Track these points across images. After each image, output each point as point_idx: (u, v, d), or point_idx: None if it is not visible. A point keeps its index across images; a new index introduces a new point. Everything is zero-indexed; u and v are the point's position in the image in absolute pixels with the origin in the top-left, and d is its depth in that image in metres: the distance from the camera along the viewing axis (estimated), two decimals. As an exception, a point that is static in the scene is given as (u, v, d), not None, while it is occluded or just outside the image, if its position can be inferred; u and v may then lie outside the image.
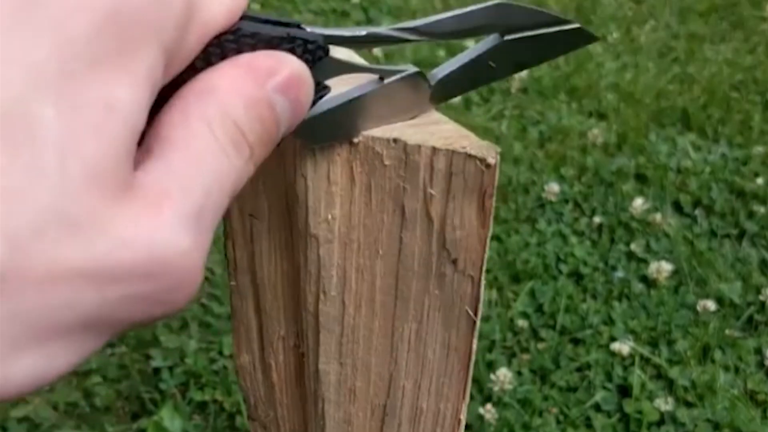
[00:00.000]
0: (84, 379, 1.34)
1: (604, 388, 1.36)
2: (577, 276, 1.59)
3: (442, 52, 2.27)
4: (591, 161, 1.86)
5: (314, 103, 0.30)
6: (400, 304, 0.42)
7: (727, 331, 1.45)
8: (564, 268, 1.59)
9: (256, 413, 0.53)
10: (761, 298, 1.51)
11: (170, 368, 1.33)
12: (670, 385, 1.37)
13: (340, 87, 0.34)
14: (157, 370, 1.34)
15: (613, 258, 1.61)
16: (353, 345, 0.44)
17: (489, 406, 1.31)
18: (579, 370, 1.40)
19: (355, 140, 0.38)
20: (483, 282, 0.41)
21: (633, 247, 1.63)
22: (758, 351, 1.43)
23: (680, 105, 2.04)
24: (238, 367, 0.51)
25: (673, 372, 1.38)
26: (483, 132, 1.93)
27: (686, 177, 1.81)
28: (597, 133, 1.94)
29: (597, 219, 1.71)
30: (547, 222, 1.70)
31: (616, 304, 1.51)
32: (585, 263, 1.60)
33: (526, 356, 1.43)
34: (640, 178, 1.84)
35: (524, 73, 2.15)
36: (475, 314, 0.42)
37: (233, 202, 0.42)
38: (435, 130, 0.38)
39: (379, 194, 0.39)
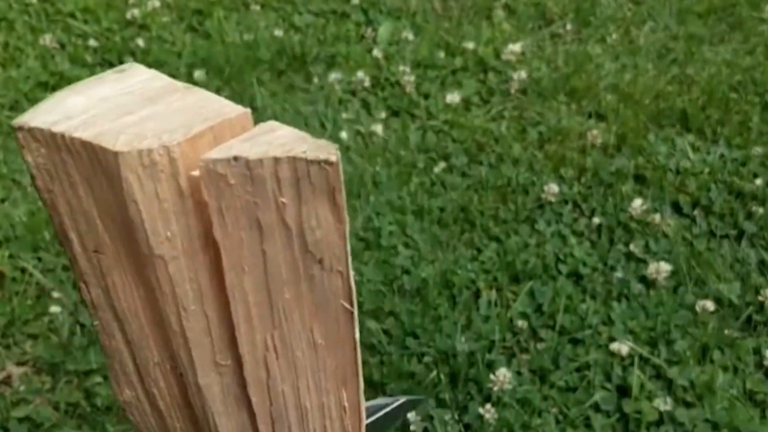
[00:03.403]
0: (85, 379, 1.34)
1: (604, 388, 1.37)
2: (576, 276, 1.59)
3: (441, 54, 2.27)
4: (590, 162, 1.86)
5: None
6: (274, 314, 0.43)
7: (726, 332, 1.46)
8: (563, 268, 1.60)
9: None
10: (760, 298, 1.52)
11: (171, 368, 1.34)
12: (669, 385, 1.37)
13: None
14: (157, 371, 1.34)
15: (613, 258, 1.62)
16: (226, 353, 0.45)
17: (488, 406, 1.32)
18: (578, 370, 1.40)
19: (196, 172, 0.38)
20: (351, 273, 0.42)
21: (632, 247, 1.64)
22: (757, 351, 1.43)
23: (679, 106, 2.05)
24: (124, 405, 0.51)
25: (672, 372, 1.38)
26: (482, 133, 1.94)
27: (685, 177, 1.82)
28: (596, 133, 1.94)
29: (596, 219, 1.72)
30: (547, 222, 1.71)
31: (615, 304, 1.51)
32: (584, 264, 1.60)
33: (525, 356, 1.43)
34: (639, 178, 1.84)
35: (523, 74, 2.16)
36: (351, 305, 0.43)
37: (75, 242, 0.43)
38: (271, 138, 0.39)
39: (232, 214, 0.39)
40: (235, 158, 0.37)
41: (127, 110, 0.40)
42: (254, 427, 0.48)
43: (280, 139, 0.38)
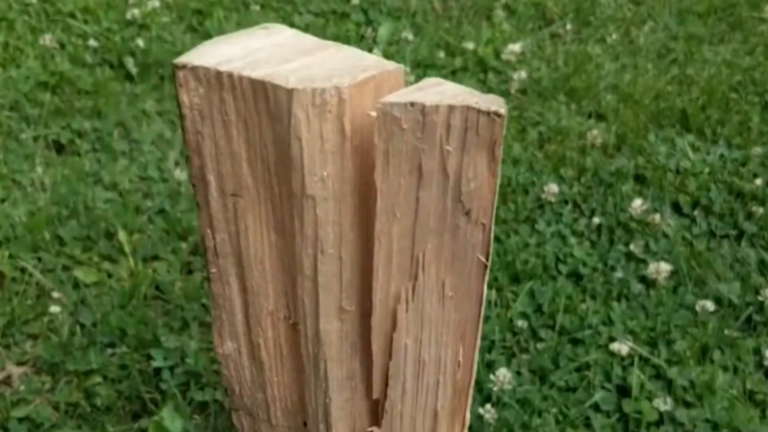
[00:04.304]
0: (85, 380, 1.34)
1: (603, 388, 1.37)
2: (576, 276, 1.59)
3: (441, 54, 2.27)
4: (590, 162, 1.86)
5: None
6: (413, 264, 0.44)
7: (725, 332, 1.46)
8: (563, 268, 1.60)
9: (241, 401, 0.54)
10: (760, 298, 1.52)
11: (171, 368, 1.34)
12: (669, 385, 1.37)
13: None
14: (158, 371, 1.34)
15: (613, 258, 1.62)
16: (352, 299, 0.45)
17: (488, 406, 1.32)
18: (578, 370, 1.40)
19: (373, 113, 0.39)
20: (492, 227, 0.43)
21: (632, 247, 1.64)
22: (757, 351, 1.43)
23: (679, 106, 2.05)
24: (221, 358, 0.52)
25: (672, 372, 1.38)
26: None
27: (685, 178, 1.82)
28: (596, 134, 1.94)
29: (596, 219, 1.72)
30: (547, 223, 1.71)
31: (615, 304, 1.51)
32: (584, 264, 1.60)
33: (525, 356, 1.43)
34: (639, 178, 1.84)
35: (523, 75, 2.16)
36: (487, 259, 0.44)
37: (212, 185, 0.44)
38: (441, 90, 0.40)
39: (396, 158, 0.40)
40: (412, 103, 0.39)
41: (285, 59, 0.41)
42: (365, 375, 0.48)
43: (450, 92, 0.40)
